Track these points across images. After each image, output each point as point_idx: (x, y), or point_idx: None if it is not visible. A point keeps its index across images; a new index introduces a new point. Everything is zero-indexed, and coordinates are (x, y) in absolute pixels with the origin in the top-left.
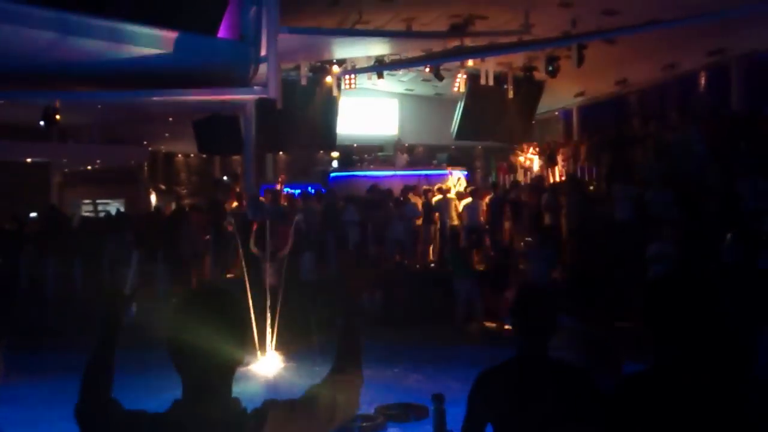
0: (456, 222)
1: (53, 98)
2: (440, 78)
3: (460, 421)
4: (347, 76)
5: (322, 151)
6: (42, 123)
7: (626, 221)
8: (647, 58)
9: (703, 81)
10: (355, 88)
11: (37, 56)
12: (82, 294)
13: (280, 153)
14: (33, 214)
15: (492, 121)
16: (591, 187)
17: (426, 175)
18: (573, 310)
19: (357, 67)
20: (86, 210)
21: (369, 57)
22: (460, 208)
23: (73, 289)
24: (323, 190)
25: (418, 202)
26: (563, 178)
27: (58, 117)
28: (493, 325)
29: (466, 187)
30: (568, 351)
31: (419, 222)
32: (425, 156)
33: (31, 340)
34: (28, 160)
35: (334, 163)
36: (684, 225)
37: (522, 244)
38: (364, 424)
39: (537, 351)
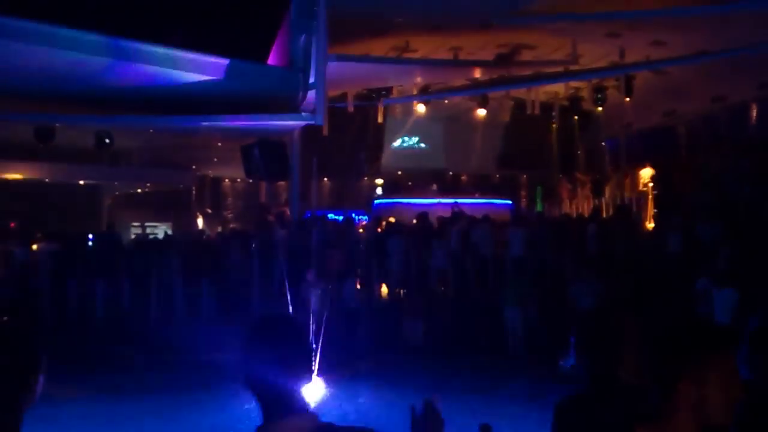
0: None
1: (106, 123)
2: (485, 106)
3: None
4: (393, 103)
5: (366, 178)
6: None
7: (676, 253)
8: (696, 90)
9: (753, 113)
10: (400, 115)
11: (91, 81)
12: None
13: (325, 179)
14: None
15: (537, 151)
16: (639, 218)
17: (471, 204)
18: None
19: (403, 94)
20: (135, 232)
21: (415, 84)
22: None
23: (121, 311)
24: (367, 217)
25: None
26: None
27: (109, 141)
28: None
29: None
30: None
31: None
32: (469, 184)
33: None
34: (80, 182)
35: (379, 190)
36: (734, 258)
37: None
38: None
39: (608, 375)
